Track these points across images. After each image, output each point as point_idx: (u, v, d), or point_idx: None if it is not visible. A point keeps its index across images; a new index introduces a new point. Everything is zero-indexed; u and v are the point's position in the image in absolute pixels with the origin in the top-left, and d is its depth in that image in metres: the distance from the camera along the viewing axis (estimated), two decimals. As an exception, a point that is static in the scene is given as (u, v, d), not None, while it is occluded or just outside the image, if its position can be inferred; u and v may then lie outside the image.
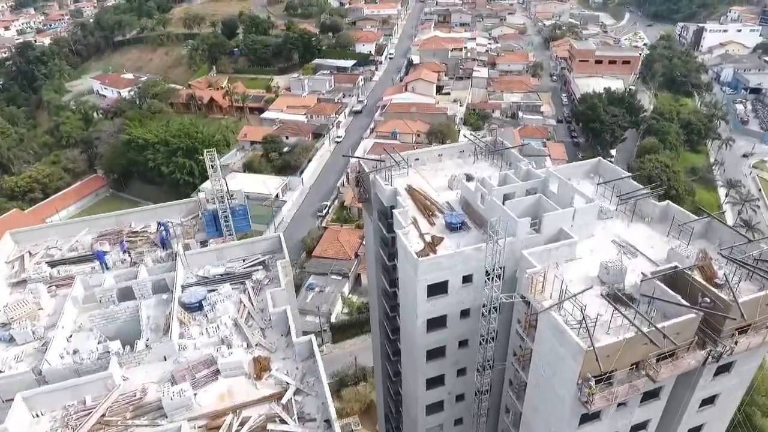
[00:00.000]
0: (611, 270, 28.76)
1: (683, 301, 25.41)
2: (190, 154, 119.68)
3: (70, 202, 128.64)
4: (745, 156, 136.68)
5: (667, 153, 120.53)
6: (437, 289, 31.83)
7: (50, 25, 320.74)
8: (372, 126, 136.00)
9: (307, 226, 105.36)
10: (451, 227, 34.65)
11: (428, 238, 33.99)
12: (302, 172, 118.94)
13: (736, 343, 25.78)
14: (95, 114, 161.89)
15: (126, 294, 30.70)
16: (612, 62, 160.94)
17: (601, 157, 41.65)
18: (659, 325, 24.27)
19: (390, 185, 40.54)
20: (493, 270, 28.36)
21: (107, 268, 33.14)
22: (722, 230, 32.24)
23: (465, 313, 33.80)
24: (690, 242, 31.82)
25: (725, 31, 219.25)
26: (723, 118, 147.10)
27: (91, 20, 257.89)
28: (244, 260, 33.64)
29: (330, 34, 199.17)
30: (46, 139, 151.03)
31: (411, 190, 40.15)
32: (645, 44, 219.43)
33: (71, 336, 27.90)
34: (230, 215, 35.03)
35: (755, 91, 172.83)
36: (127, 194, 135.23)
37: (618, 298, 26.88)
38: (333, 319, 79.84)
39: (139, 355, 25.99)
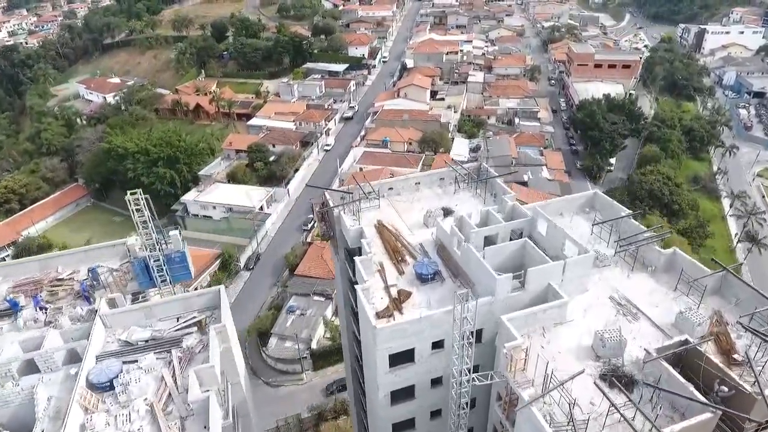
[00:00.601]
0: (608, 343, 23.86)
1: (697, 395, 20.47)
2: (171, 163, 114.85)
3: (48, 213, 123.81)
4: None
5: (669, 162, 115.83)
6: (402, 357, 26.95)
7: (42, 27, 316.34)
8: (363, 133, 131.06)
9: (291, 240, 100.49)
10: (422, 278, 29.75)
11: (394, 292, 29.10)
12: (288, 182, 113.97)
13: (762, 446, 20.91)
14: (78, 120, 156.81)
15: (33, 366, 25.81)
16: (612, 66, 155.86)
17: (597, 190, 36.75)
18: (667, 430, 19.34)
19: (358, 221, 35.75)
20: (462, 347, 23.36)
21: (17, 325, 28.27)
22: (739, 286, 27.28)
23: (437, 381, 28.90)
24: (702, 300, 26.95)
25: (727, 33, 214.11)
26: (726, 124, 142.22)
27: (80, 23, 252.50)
28: (178, 318, 28.69)
29: (322, 36, 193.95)
30: (26, 146, 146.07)
31: (381, 228, 35.27)
32: (645, 46, 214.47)
33: (-50, 427, 23.03)
34: (165, 263, 30.02)
35: (759, 95, 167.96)
36: (109, 204, 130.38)
37: (615, 384, 21.95)
38: (314, 345, 74.82)
39: (23, 459, 21.10)
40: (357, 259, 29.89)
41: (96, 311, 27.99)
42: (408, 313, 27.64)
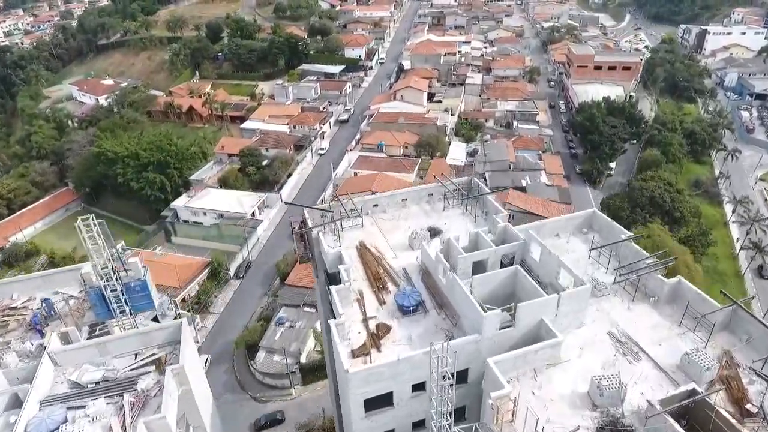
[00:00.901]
0: (606, 391, 21.39)
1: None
2: (161, 168, 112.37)
3: (37, 218, 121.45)
4: None
5: (670, 167, 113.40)
6: (379, 401, 24.49)
7: (39, 27, 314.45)
8: (358, 137, 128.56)
9: (283, 248, 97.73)
10: (404, 310, 27.30)
11: (373, 326, 26.65)
12: (281, 187, 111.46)
13: None
14: (70, 123, 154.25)
15: (-29, 411, 23.37)
16: (612, 68, 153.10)
17: (595, 209, 34.26)
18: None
19: (338, 242, 33.33)
20: (441, 402, 20.84)
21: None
22: (750, 322, 24.79)
23: (419, 425, 26.44)
24: (710, 337, 24.51)
25: (729, 33, 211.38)
26: (728, 127, 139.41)
27: (74, 23, 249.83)
28: (136, 355, 26.23)
29: (319, 37, 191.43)
30: (16, 150, 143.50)
31: (362, 250, 32.80)
32: (646, 47, 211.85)
33: None
34: (124, 293, 27.56)
35: (761, 97, 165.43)
36: (99, 209, 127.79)
37: (615, 441, 19.53)
38: (303, 359, 72.26)
39: None
40: (333, 289, 27.48)
41: (44, 347, 25.55)
42: (387, 349, 25.23)
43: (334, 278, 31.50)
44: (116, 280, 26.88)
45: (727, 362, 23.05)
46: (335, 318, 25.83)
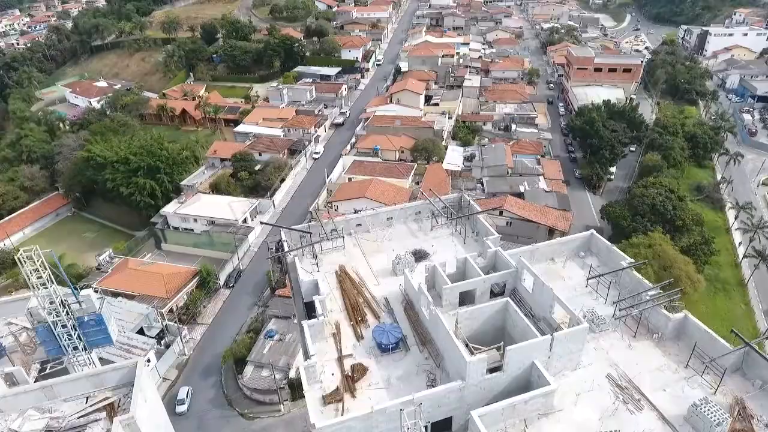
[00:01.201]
0: (604, 450, 19.02)
1: None
2: (152, 173, 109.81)
3: (26, 224, 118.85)
4: None
5: (671, 171, 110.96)
6: (352, 455, 22.08)
7: (35, 28, 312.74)
8: (353, 141, 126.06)
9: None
10: (383, 348, 24.88)
11: (348, 366, 24.23)
12: (274, 193, 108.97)
13: None
14: (62, 126, 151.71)
15: None
16: (612, 70, 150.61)
17: (593, 231, 31.81)
18: None
19: (317, 267, 30.95)
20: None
21: None
22: (764, 366, 22.36)
23: (399, 475, 24.04)
24: (720, 382, 22.09)
25: (730, 34, 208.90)
26: (730, 131, 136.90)
27: (69, 24, 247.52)
28: (88, 398, 23.81)
29: (315, 39, 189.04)
30: (6, 154, 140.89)
31: (342, 276, 30.38)
32: (647, 48, 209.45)
33: None
34: (77, 328, 25.13)
35: (763, 99, 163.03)
36: (89, 214, 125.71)
37: None
38: (293, 374, 69.78)
39: None
40: (305, 324, 25.08)
41: (-14, 392, 23.13)
42: (362, 395, 22.83)
43: (310, 309, 29.14)
44: (67, 314, 24.47)
45: (739, 413, 20.66)
46: (301, 365, 23.35)
